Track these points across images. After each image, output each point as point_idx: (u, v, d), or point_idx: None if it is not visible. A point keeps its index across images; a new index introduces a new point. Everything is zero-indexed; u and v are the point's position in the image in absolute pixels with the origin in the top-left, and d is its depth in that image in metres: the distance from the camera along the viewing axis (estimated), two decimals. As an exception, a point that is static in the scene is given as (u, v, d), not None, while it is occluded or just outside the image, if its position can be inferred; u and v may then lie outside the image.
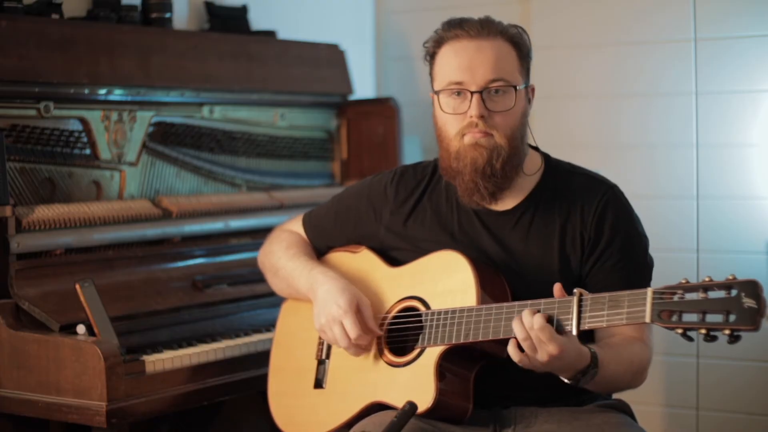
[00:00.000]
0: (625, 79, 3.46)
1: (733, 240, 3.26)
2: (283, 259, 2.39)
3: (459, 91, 2.09)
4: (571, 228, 2.15)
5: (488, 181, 2.09)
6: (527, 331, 1.90)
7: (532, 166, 2.19)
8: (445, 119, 2.13)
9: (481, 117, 2.07)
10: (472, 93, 2.07)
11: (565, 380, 1.98)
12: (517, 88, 2.09)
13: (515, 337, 1.92)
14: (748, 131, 3.25)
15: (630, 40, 3.44)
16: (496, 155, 2.08)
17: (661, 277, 2.24)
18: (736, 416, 3.25)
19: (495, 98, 2.08)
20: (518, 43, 2.12)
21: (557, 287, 1.94)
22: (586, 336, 1.93)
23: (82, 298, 2.44)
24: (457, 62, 2.10)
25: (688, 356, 3.30)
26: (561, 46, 3.53)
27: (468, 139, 2.09)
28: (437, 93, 2.13)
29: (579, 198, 2.16)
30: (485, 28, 2.10)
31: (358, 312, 2.17)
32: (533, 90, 2.19)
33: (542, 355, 1.89)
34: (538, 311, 1.91)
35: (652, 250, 2.19)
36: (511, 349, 1.93)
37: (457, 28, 2.12)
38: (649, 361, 2.13)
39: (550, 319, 1.91)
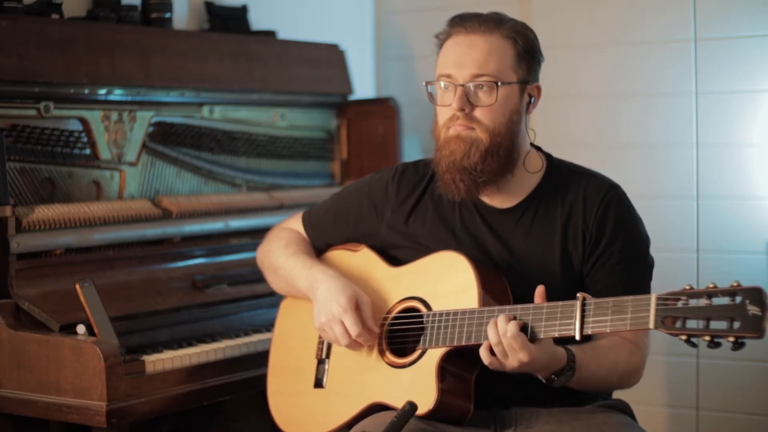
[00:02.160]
0: (625, 79, 3.46)
1: (733, 240, 3.26)
2: (282, 257, 2.39)
3: (447, 84, 2.11)
4: (573, 227, 2.15)
5: (463, 173, 2.11)
6: (500, 336, 1.92)
7: (534, 165, 2.19)
8: (437, 109, 2.17)
9: (462, 110, 2.09)
10: (456, 86, 2.09)
11: (541, 378, 2.00)
12: (499, 84, 2.09)
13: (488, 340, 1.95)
14: (748, 131, 3.25)
15: (630, 40, 3.44)
16: (474, 149, 2.10)
17: (661, 277, 2.25)
18: (736, 416, 3.25)
19: (479, 93, 2.10)
20: (517, 40, 2.12)
21: (539, 291, 1.96)
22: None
23: (82, 298, 2.44)
24: (450, 56, 2.13)
25: (689, 356, 3.30)
26: (561, 46, 3.53)
27: (452, 131, 2.12)
28: (427, 84, 2.17)
29: (581, 197, 2.16)
30: (484, 24, 2.12)
31: (357, 309, 2.17)
32: (538, 89, 2.18)
33: (512, 361, 1.93)
34: (514, 318, 1.93)
35: (653, 250, 2.19)
36: (483, 352, 1.96)
37: (458, 24, 2.14)
38: (642, 363, 2.14)
39: (524, 327, 1.93)
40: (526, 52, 2.13)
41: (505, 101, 2.10)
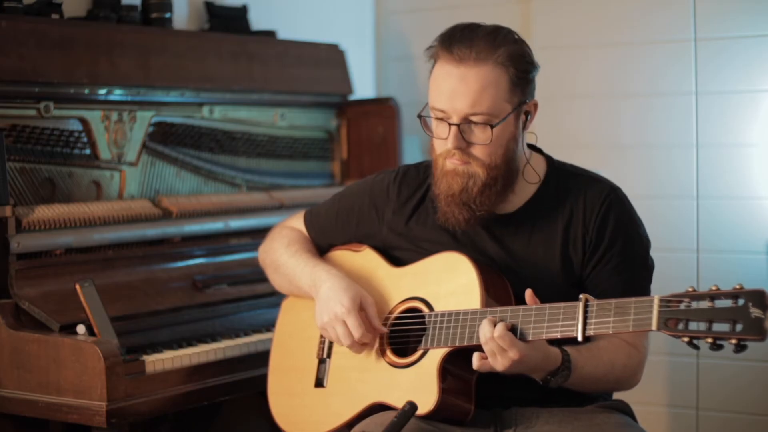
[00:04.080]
0: (625, 79, 3.46)
1: (733, 240, 3.26)
2: (284, 255, 2.39)
3: (441, 116, 2.08)
4: (573, 230, 2.15)
5: (462, 207, 2.10)
6: (487, 338, 1.93)
7: (534, 174, 2.18)
8: (433, 138, 2.14)
9: (458, 148, 2.07)
10: (450, 125, 2.06)
11: (537, 380, 2.00)
12: (493, 126, 2.04)
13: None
14: (748, 131, 3.25)
15: (630, 40, 3.43)
16: (471, 183, 2.09)
17: (662, 277, 2.25)
18: (736, 416, 3.25)
19: (474, 129, 2.06)
20: (510, 67, 2.05)
21: (528, 295, 1.96)
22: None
23: (82, 298, 2.44)
24: (442, 89, 2.07)
25: (689, 356, 3.30)
26: (561, 46, 3.53)
27: (448, 164, 2.10)
28: (421, 117, 2.14)
29: (581, 200, 2.15)
30: (475, 50, 2.03)
31: (361, 310, 2.17)
32: (535, 106, 2.13)
33: (503, 360, 1.93)
34: (503, 321, 1.94)
35: (653, 251, 2.19)
36: (474, 357, 1.96)
37: (446, 49, 2.06)
38: (640, 365, 2.14)
39: (512, 328, 1.94)
40: (520, 78, 2.06)
41: (500, 136, 2.07)
